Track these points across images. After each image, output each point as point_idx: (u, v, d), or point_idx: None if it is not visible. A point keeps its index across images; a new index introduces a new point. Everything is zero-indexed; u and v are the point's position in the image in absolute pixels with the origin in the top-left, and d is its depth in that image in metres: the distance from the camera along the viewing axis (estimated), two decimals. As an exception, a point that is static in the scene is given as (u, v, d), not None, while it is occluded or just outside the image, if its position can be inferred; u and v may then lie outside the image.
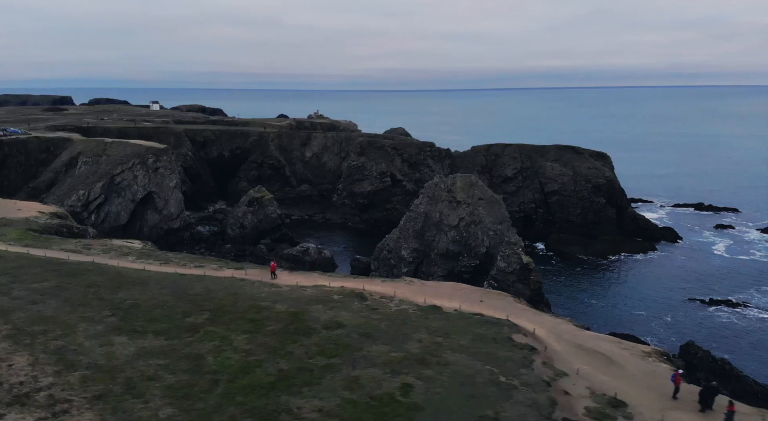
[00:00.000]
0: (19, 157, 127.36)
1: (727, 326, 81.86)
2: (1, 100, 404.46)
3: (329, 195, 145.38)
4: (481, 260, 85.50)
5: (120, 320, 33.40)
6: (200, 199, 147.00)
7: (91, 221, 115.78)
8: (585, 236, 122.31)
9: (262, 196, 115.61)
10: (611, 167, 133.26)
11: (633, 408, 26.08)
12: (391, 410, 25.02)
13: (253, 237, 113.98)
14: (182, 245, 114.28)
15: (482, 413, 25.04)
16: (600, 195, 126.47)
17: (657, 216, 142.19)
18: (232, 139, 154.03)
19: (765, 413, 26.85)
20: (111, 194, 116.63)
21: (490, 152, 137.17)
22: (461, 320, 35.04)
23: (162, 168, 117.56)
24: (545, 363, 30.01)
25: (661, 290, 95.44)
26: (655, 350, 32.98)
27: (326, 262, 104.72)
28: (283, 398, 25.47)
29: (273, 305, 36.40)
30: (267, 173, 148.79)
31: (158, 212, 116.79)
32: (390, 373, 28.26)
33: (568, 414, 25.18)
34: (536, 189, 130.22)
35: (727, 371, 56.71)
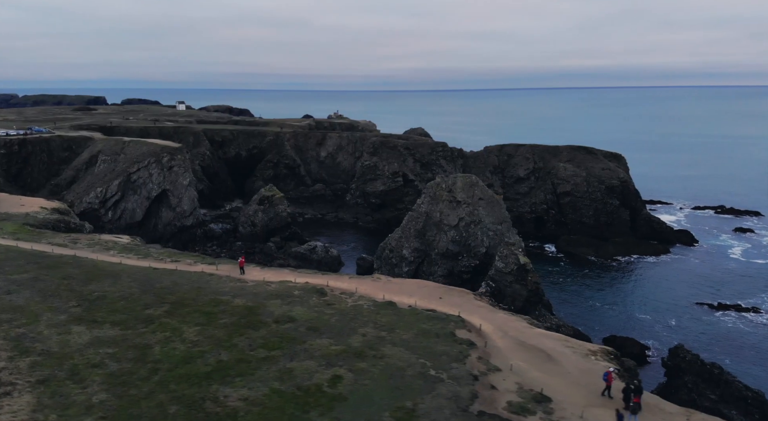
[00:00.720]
0: (42, 155, 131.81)
1: (732, 330, 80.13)
2: (37, 99, 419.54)
3: (343, 194, 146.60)
4: (480, 260, 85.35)
5: (83, 311, 34.91)
6: (217, 197, 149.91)
7: (108, 218, 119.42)
8: (597, 237, 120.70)
9: (273, 194, 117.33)
10: (626, 168, 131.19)
11: (556, 404, 26.16)
12: (314, 401, 25.70)
13: (263, 235, 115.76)
14: (195, 242, 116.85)
15: (401, 404, 25.53)
16: (613, 196, 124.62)
17: (674, 218, 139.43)
18: (249, 139, 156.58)
19: (691, 413, 26.53)
20: (127, 192, 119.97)
21: (502, 152, 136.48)
22: (412, 315, 35.47)
23: (176, 166, 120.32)
24: (480, 358, 30.27)
25: (668, 294, 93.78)
26: (602, 349, 32.74)
27: (333, 260, 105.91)
28: (213, 387, 26.42)
29: (232, 299, 37.46)
30: (282, 173, 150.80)
31: (172, 209, 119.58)
32: (325, 365, 28.95)
33: (487, 408, 25.43)
34: (548, 190, 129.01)
35: (715, 375, 55.66)
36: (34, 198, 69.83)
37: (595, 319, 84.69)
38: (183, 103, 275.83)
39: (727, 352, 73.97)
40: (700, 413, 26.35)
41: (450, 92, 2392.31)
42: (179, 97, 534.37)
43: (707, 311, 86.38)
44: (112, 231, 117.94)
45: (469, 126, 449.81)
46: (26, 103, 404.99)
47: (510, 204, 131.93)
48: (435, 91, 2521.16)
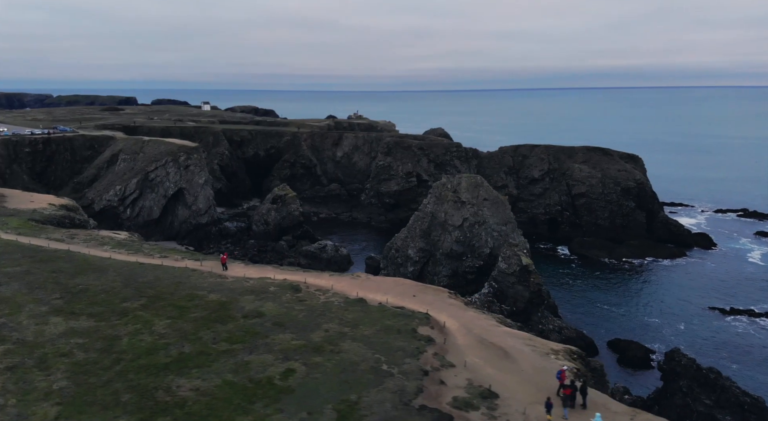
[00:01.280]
0: (65, 154, 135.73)
1: (741, 336, 78.37)
2: (71, 100, 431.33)
3: (358, 194, 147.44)
4: (484, 260, 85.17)
5: (64, 303, 36.27)
6: (235, 196, 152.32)
7: (127, 215, 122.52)
8: (612, 240, 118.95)
9: (286, 194, 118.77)
10: (643, 170, 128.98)
11: (502, 400, 26.24)
12: (262, 392, 26.33)
13: (275, 233, 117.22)
14: (210, 239, 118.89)
15: (346, 397, 25.97)
16: (629, 198, 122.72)
17: (694, 221, 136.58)
18: (267, 139, 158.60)
19: (637, 412, 26.26)
20: (145, 190, 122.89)
21: (517, 153, 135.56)
22: (379, 312, 35.84)
23: (192, 165, 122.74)
24: (436, 354, 30.47)
25: (680, 297, 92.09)
26: (566, 349, 32.57)
27: (342, 259, 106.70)
28: (169, 378, 27.28)
29: (208, 294, 38.41)
30: (299, 172, 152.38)
31: (188, 207, 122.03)
32: (281, 359, 29.56)
33: (429, 402, 25.67)
34: (563, 191, 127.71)
35: (711, 380, 54.68)
36: (44, 195, 72.23)
37: (602, 322, 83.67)
38: (208, 104, 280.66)
39: (734, 357, 72.47)
40: (646, 413, 26.08)
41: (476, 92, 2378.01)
42: (208, 98, 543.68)
43: (718, 316, 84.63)
44: (130, 228, 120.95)
45: (491, 126, 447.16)
46: (60, 104, 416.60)
47: (524, 205, 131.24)
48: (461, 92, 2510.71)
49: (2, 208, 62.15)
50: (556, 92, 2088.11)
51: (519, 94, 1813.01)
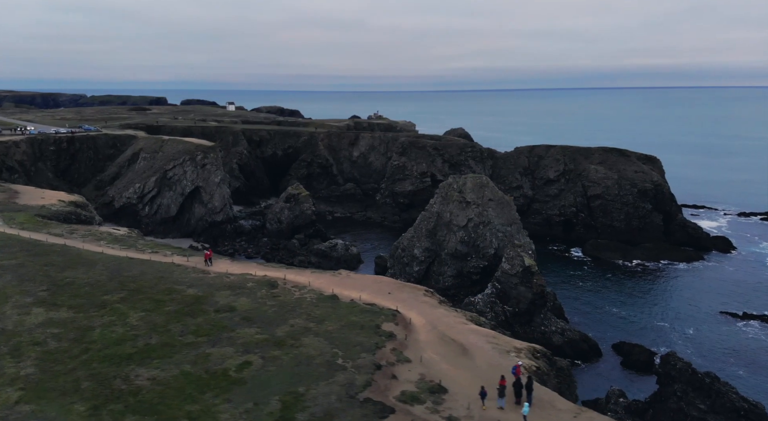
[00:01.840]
0: (88, 153, 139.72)
1: (751, 341, 76.64)
2: (104, 100, 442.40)
3: (374, 194, 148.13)
4: (489, 261, 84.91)
5: (49, 295, 37.74)
6: (253, 195, 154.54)
7: (145, 213, 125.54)
8: (627, 242, 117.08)
9: (299, 193, 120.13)
10: (661, 171, 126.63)
11: (450, 395, 26.48)
12: (215, 383, 27.11)
13: (288, 232, 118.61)
14: (225, 236, 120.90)
15: (294, 389, 26.57)
16: (646, 200, 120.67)
17: (716, 225, 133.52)
18: (285, 139, 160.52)
19: (582, 410, 26.10)
20: (163, 188, 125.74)
21: (533, 154, 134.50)
22: (348, 308, 36.32)
23: (209, 164, 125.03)
24: (394, 350, 30.79)
25: (692, 302, 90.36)
26: (530, 347, 32.48)
27: (352, 258, 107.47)
28: (130, 368, 28.31)
29: (186, 289, 39.46)
30: (316, 172, 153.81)
31: (204, 205, 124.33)
32: (241, 352, 30.33)
33: (375, 395, 26.05)
34: (579, 192, 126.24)
35: (706, 385, 53.71)
36: (55, 192, 74.76)
37: (609, 324, 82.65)
38: (232, 104, 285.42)
39: (742, 363, 70.95)
40: (591, 411, 25.94)
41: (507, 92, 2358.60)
42: (238, 99, 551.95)
43: (730, 321, 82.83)
44: (148, 225, 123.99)
45: (517, 126, 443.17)
46: (93, 103, 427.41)
47: (539, 206, 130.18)
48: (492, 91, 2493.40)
49: (13, 204, 64.67)
50: (589, 92, 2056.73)
51: (551, 94, 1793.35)
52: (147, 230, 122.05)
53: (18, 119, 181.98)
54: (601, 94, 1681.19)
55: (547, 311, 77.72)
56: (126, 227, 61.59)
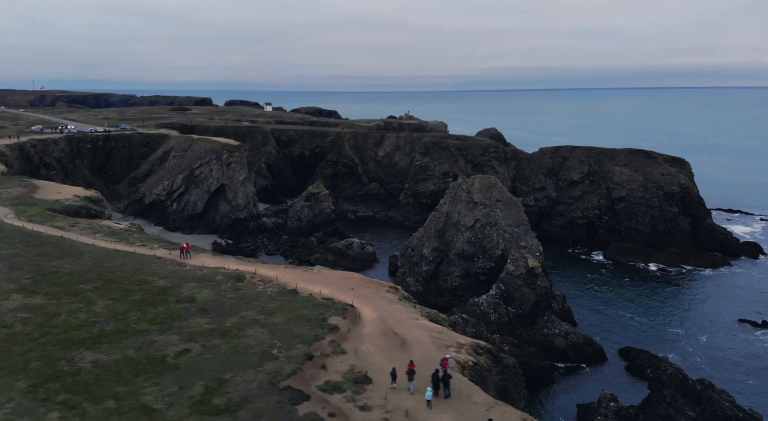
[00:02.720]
0: (123, 151, 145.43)
1: (767, 350, 73.89)
2: (152, 100, 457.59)
3: (397, 194, 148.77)
4: (496, 262, 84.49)
5: (32, 282, 40.13)
6: (280, 193, 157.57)
7: (173, 209, 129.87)
8: (652, 246, 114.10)
9: (319, 192, 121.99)
10: (690, 174, 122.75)
11: (373, 386, 27.07)
12: (151, 368, 28.48)
13: (308, 230, 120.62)
14: (247, 233, 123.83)
15: (221, 376, 27.66)
16: (673, 204, 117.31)
17: (749, 230, 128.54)
18: (312, 139, 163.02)
19: (497, 404, 26.00)
20: (191, 185, 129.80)
21: (557, 154, 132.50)
22: (302, 302, 37.20)
23: (234, 163, 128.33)
24: (333, 342, 31.46)
25: (711, 308, 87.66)
26: (474, 344, 32.47)
27: (368, 257, 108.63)
28: (78, 351, 30.04)
29: (157, 280, 41.19)
30: (341, 171, 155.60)
31: (228, 202, 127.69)
32: (185, 340, 31.62)
33: (297, 384, 26.83)
34: (603, 194, 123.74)
35: (697, 392, 52.36)
36: (72, 187, 78.60)
37: (619, 329, 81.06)
38: (270, 105, 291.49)
39: (753, 372, 68.63)
40: (505, 405, 25.94)
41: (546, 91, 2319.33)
42: (280, 100, 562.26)
43: (747, 329, 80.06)
44: (176, 221, 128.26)
45: (552, 126, 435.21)
46: (142, 103, 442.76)
47: (562, 208, 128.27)
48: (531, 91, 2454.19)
49: (30, 198, 68.42)
50: (631, 92, 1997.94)
51: (591, 94, 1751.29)
52: (174, 225, 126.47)
53: (63, 118, 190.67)
54: (644, 95, 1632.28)
55: (551, 314, 76.89)
56: (127, 222, 64.17)
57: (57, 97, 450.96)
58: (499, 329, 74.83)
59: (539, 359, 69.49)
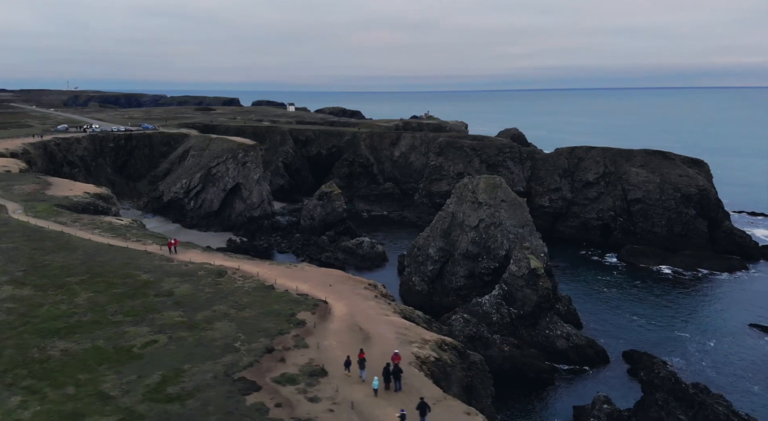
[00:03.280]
0: (144, 149, 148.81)
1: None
2: (181, 100, 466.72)
3: (413, 194, 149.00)
4: (500, 262, 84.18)
5: (24, 275, 41.73)
6: (296, 192, 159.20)
7: (191, 207, 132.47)
8: (668, 249, 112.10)
9: (332, 191, 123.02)
10: (708, 176, 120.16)
11: (328, 379, 27.61)
12: (116, 357, 29.48)
13: (320, 228, 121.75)
14: (261, 231, 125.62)
15: (179, 367, 28.48)
16: (690, 206, 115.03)
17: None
18: (329, 139, 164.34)
19: (446, 398, 26.12)
20: (207, 184, 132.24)
21: (573, 155, 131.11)
22: (276, 297, 37.86)
23: (249, 162, 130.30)
24: (296, 336, 32.02)
25: (722, 313, 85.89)
26: (438, 340, 32.56)
27: (377, 256, 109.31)
28: (51, 340, 31.29)
29: (142, 274, 42.37)
30: (357, 171, 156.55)
31: (243, 201, 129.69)
32: (154, 332, 32.58)
33: (252, 376, 27.47)
34: (618, 196, 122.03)
35: (689, 395, 51.66)
36: (84, 184, 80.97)
37: (625, 332, 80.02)
38: (292, 105, 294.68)
39: (759, 379, 67.07)
40: (453, 400, 26.09)
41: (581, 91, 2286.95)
42: (306, 100, 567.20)
43: (758, 334, 78.29)
44: (193, 219, 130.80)
45: (579, 126, 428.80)
46: (172, 103, 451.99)
47: (578, 210, 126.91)
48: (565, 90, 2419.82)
49: (42, 194, 70.81)
50: (671, 92, 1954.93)
51: (629, 94, 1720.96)
52: (191, 223, 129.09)
53: (90, 118, 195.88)
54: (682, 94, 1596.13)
55: (553, 315, 76.36)
56: (129, 219, 65.84)
57: (90, 97, 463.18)
58: (500, 330, 74.65)
59: (539, 360, 69.06)
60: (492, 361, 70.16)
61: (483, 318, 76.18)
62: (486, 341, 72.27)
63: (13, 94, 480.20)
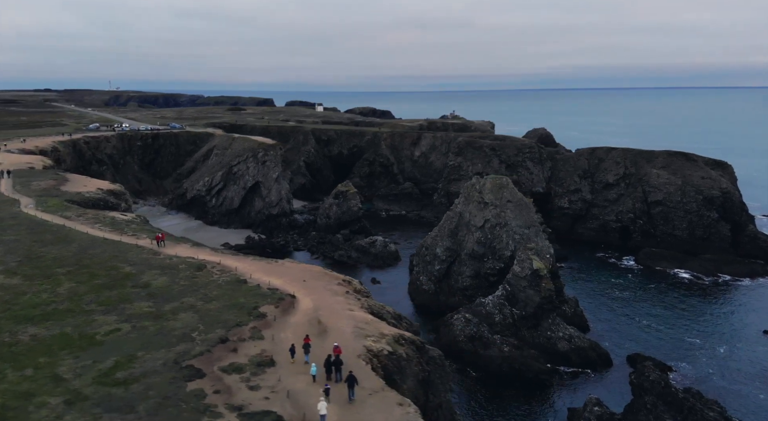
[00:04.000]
0: (170, 148, 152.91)
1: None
2: (218, 100, 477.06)
3: (432, 193, 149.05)
4: (505, 263, 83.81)
5: (17, 265, 43.89)
6: (318, 191, 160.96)
7: (212, 204, 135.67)
8: (689, 253, 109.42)
9: (347, 190, 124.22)
10: (732, 178, 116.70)
11: (274, 369, 28.35)
12: (78, 343, 30.94)
13: (336, 227, 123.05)
14: (279, 229, 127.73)
15: (133, 353, 29.71)
16: (712, 209, 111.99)
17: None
18: (350, 139, 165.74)
19: (384, 389, 26.55)
20: (229, 182, 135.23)
21: (593, 156, 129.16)
22: (245, 291, 38.86)
23: (269, 161, 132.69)
24: (254, 328, 32.86)
25: (737, 319, 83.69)
26: (396, 334, 32.80)
27: (389, 255, 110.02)
28: (24, 326, 32.99)
29: (125, 266, 43.99)
30: (377, 170, 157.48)
31: (262, 199, 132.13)
32: (121, 321, 33.95)
33: (200, 364, 28.41)
34: (638, 198, 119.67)
35: (678, 400, 50.77)
36: (99, 180, 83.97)
37: (633, 336, 78.73)
38: (321, 105, 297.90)
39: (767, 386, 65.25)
40: (391, 391, 26.47)
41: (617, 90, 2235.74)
42: (338, 101, 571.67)
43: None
44: (214, 216, 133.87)
45: (611, 127, 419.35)
46: (208, 103, 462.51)
47: (597, 211, 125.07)
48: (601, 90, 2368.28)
49: (56, 190, 73.92)
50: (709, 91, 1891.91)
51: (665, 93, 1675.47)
52: (212, 220, 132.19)
53: (124, 117, 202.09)
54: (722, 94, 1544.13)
55: (555, 316, 75.70)
56: (133, 214, 68.08)
57: (130, 97, 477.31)
58: (503, 330, 74.49)
59: (538, 361, 68.68)
60: (491, 361, 70.25)
61: (486, 318, 76.09)
62: (486, 341, 72.23)
63: (58, 94, 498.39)
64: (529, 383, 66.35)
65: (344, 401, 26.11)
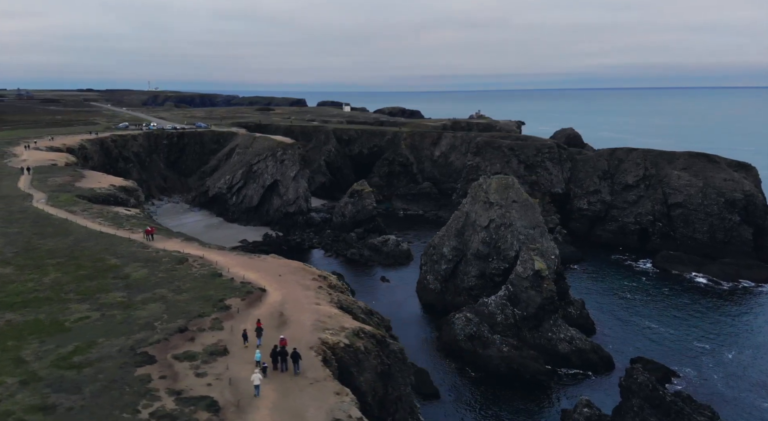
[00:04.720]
0: (195, 147, 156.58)
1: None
2: (252, 100, 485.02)
3: (451, 193, 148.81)
4: (510, 263, 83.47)
5: (13, 256, 46.04)
6: (337, 190, 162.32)
7: (233, 201, 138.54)
8: (709, 257, 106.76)
9: (363, 189, 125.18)
10: (756, 180, 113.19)
11: (227, 358, 29.20)
12: (47, 329, 32.50)
13: (350, 225, 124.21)
14: (296, 227, 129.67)
15: (94, 340, 31.01)
16: (734, 212, 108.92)
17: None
18: (370, 138, 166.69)
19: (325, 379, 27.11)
20: (249, 180, 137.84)
21: (613, 157, 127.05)
22: (217, 284, 39.85)
23: (287, 160, 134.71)
24: (215, 319, 33.77)
25: (749, 325, 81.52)
26: (357, 327, 33.16)
27: (401, 253, 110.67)
28: (2, 312, 34.75)
29: (112, 259, 45.60)
30: (397, 170, 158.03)
31: (280, 197, 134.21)
32: (93, 310, 35.36)
33: (155, 351, 29.44)
34: (658, 200, 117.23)
35: (666, 403, 50.06)
36: (113, 177, 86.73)
37: (637, 339, 77.56)
38: (348, 105, 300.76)
39: (767, 396, 63.54)
40: (333, 381, 27.01)
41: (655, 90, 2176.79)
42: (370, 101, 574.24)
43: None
44: (234, 213, 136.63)
45: (646, 128, 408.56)
46: (243, 103, 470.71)
47: (617, 213, 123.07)
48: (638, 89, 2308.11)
49: (70, 185, 76.86)
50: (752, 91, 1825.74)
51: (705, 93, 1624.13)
52: (233, 217, 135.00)
53: (155, 116, 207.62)
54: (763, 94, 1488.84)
55: (557, 318, 75.09)
56: (136, 209, 70.23)
57: (168, 97, 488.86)
58: (504, 330, 74.30)
59: (537, 362, 68.32)
60: (490, 361, 70.18)
61: (488, 318, 75.98)
62: (485, 341, 72.19)
63: (98, 94, 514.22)
64: (527, 384, 66.09)
65: (283, 390, 26.87)
